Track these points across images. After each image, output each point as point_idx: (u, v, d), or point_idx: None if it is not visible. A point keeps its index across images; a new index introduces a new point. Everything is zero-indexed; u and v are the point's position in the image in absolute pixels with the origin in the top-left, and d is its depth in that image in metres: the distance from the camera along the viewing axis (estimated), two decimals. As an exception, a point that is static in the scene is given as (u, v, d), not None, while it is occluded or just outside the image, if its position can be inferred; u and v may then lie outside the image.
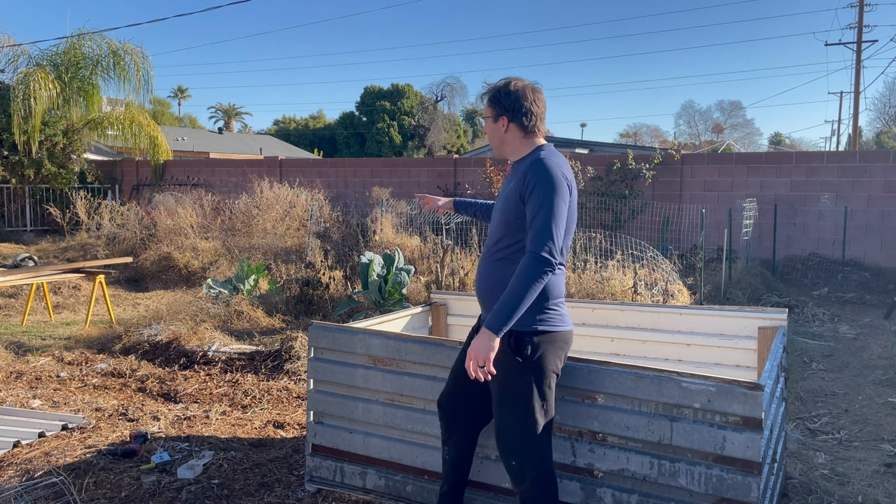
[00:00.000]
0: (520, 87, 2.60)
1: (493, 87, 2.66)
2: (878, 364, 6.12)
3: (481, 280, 2.70)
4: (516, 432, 2.53)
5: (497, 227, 2.65)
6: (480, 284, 2.70)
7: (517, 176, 2.59)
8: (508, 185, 2.64)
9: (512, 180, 2.62)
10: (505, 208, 2.60)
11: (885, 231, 10.97)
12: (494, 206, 2.79)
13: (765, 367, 2.80)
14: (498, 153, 2.73)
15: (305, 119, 55.89)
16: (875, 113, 57.23)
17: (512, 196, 2.57)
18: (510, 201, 2.57)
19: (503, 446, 2.57)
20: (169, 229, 11.78)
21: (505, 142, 2.66)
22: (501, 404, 2.57)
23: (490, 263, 2.66)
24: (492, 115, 2.66)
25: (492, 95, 2.65)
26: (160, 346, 6.17)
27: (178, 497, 3.41)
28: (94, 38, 16.31)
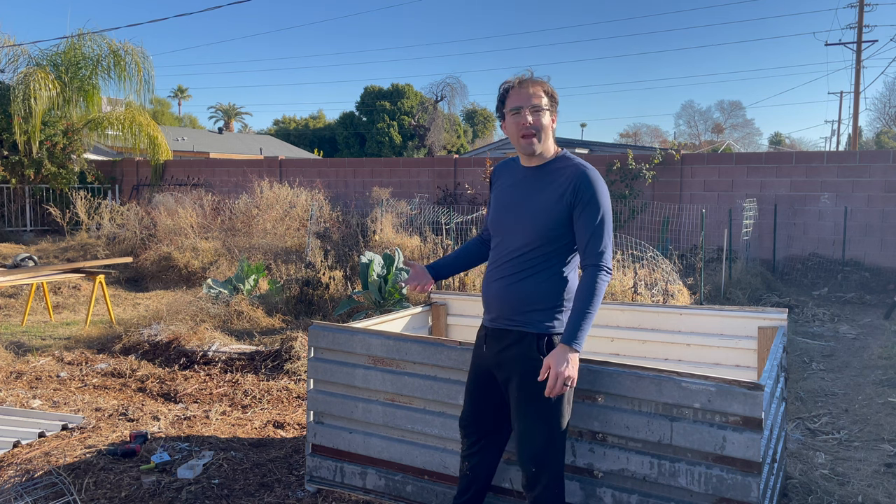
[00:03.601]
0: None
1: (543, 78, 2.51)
2: (878, 364, 6.12)
3: (508, 291, 2.51)
4: (542, 438, 2.47)
5: (524, 234, 2.48)
6: (508, 295, 2.51)
7: (556, 182, 2.46)
8: (541, 192, 2.48)
9: (547, 186, 2.47)
10: (541, 215, 2.46)
11: (885, 231, 10.97)
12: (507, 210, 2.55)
13: (765, 367, 2.80)
14: (538, 148, 2.48)
15: (305, 119, 55.91)
16: (875, 113, 57.24)
17: (554, 205, 2.44)
18: (550, 210, 2.44)
19: (527, 452, 2.48)
20: (169, 229, 11.78)
21: (549, 137, 2.50)
22: (530, 410, 2.47)
23: (519, 273, 2.50)
24: (550, 107, 2.48)
25: (548, 86, 2.49)
26: (160, 346, 6.17)
27: (178, 497, 3.41)
28: (94, 38, 16.30)
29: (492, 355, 2.60)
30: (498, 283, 2.56)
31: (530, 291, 2.49)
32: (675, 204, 12.15)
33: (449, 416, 3.01)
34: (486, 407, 2.69)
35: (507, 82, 2.52)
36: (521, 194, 2.55)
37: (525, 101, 2.44)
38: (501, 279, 2.55)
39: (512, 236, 2.53)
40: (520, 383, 2.49)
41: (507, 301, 2.53)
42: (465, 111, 46.78)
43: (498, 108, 2.57)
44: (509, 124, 2.50)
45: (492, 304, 2.59)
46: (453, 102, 28.39)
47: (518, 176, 2.59)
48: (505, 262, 2.55)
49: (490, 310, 2.61)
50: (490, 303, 2.60)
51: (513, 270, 2.52)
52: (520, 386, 2.50)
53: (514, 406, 2.53)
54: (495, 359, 2.58)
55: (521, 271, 2.51)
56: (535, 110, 2.44)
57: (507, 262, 2.54)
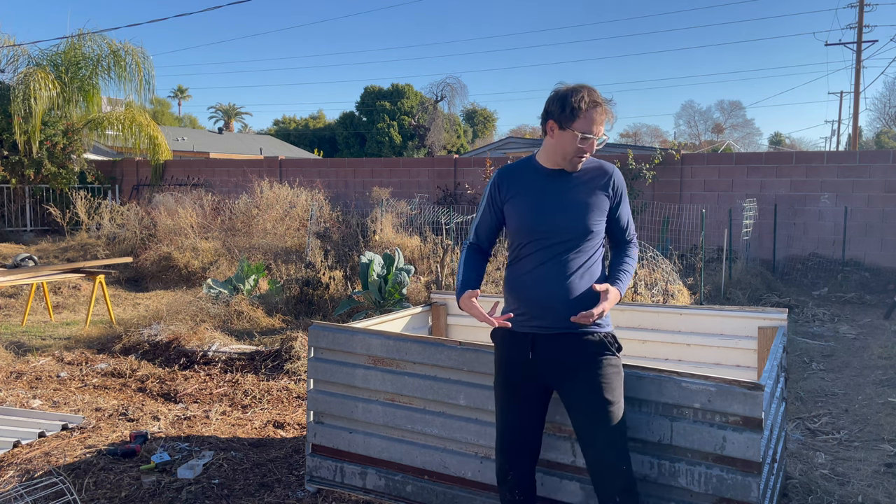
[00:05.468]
0: None
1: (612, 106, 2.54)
2: (878, 364, 6.12)
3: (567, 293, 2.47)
4: (624, 435, 2.46)
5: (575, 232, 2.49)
6: (566, 298, 2.46)
7: (594, 180, 2.52)
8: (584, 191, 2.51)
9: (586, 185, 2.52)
10: (591, 212, 2.50)
11: (885, 231, 10.97)
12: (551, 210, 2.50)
13: (765, 367, 2.80)
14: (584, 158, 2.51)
15: (305, 119, 55.90)
16: (875, 113, 57.27)
17: (595, 203, 2.51)
18: (597, 206, 2.51)
19: (617, 452, 2.41)
20: (169, 229, 11.78)
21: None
22: (613, 412, 2.41)
23: (575, 273, 2.48)
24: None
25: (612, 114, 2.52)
26: (160, 346, 6.17)
27: (178, 497, 3.41)
28: (94, 38, 16.30)
29: (545, 363, 2.49)
30: (551, 286, 2.48)
31: (589, 290, 2.49)
32: (675, 204, 12.15)
33: (449, 416, 3.01)
34: (536, 423, 2.58)
35: (584, 98, 2.41)
36: (561, 194, 2.51)
37: (598, 130, 2.43)
38: (554, 281, 2.48)
39: (559, 236, 2.49)
40: (599, 386, 2.42)
41: (567, 303, 2.46)
42: (465, 111, 46.78)
43: (559, 114, 2.44)
44: (568, 140, 2.44)
45: (545, 309, 2.48)
46: (453, 102, 28.41)
47: (545, 179, 2.54)
48: (554, 264, 2.48)
49: (542, 316, 2.48)
50: (543, 309, 2.49)
51: (568, 271, 2.48)
52: (599, 389, 2.42)
53: (588, 411, 2.43)
54: (552, 365, 2.49)
55: (577, 270, 2.49)
56: (598, 140, 2.46)
57: (558, 263, 2.48)
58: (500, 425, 2.60)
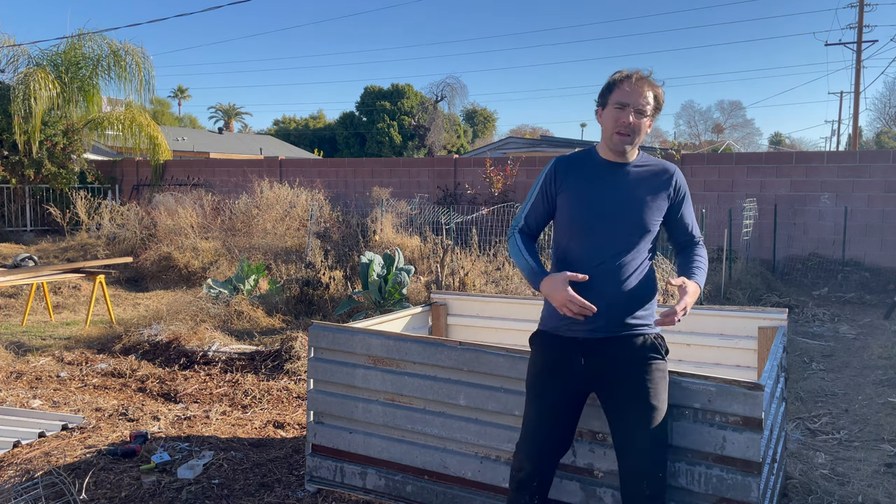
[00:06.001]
0: None
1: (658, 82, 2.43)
2: (878, 364, 6.12)
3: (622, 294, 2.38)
4: (665, 442, 2.40)
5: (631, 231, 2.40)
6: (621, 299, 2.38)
7: (654, 179, 2.43)
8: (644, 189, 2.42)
9: (646, 183, 2.42)
10: (651, 212, 2.42)
11: (885, 231, 10.97)
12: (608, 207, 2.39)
13: (765, 367, 2.80)
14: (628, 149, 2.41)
15: (305, 119, 55.89)
16: (875, 113, 57.27)
17: (654, 200, 2.42)
18: (652, 205, 2.42)
19: (656, 459, 2.34)
20: (169, 229, 11.78)
21: (640, 141, 2.44)
22: (655, 414, 2.34)
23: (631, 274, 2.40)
24: (652, 114, 2.41)
25: (660, 91, 2.42)
26: (160, 346, 6.17)
27: (178, 497, 3.41)
28: (94, 39, 16.30)
29: (595, 368, 2.40)
30: (609, 287, 2.37)
31: (643, 290, 2.42)
32: (675, 204, 12.14)
33: (449, 416, 3.01)
34: (572, 430, 2.50)
35: (622, 72, 2.40)
36: (619, 188, 2.41)
37: (634, 99, 2.34)
38: (612, 282, 2.38)
39: (615, 232, 2.38)
40: (646, 391, 2.35)
41: (621, 305, 2.38)
42: (465, 111, 46.78)
43: (602, 95, 2.42)
44: (608, 115, 2.39)
45: (609, 312, 2.37)
46: (453, 102, 28.39)
47: (603, 172, 2.43)
48: (610, 263, 2.38)
49: (595, 319, 2.35)
50: (605, 311, 2.36)
51: (625, 272, 2.39)
52: (646, 394, 2.35)
53: (632, 417, 2.34)
54: (600, 370, 2.40)
55: (634, 271, 2.40)
56: (639, 112, 2.35)
57: (614, 262, 2.38)
58: (533, 432, 2.46)
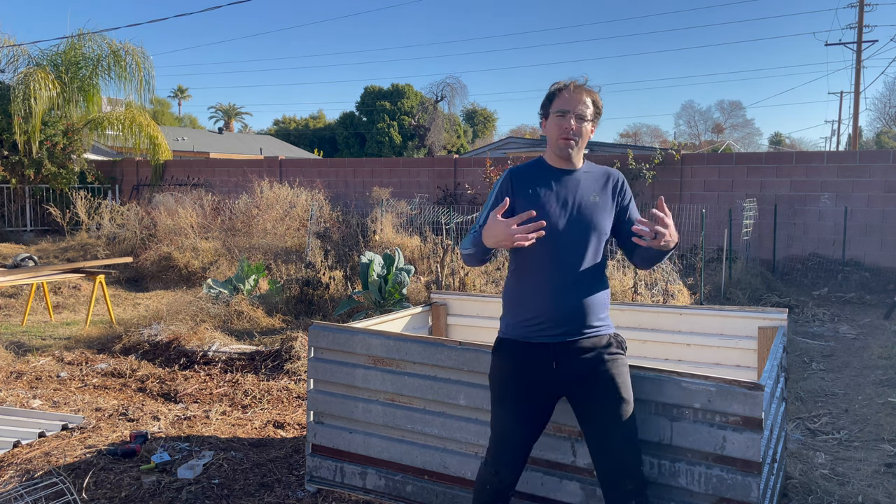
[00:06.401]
0: None
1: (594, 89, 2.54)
2: (878, 364, 6.12)
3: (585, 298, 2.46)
4: (637, 434, 2.45)
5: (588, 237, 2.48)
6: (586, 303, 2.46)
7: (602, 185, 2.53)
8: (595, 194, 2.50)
9: (595, 188, 2.51)
10: (605, 216, 2.51)
11: (885, 231, 10.97)
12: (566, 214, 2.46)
13: (765, 367, 2.80)
14: (572, 155, 2.49)
15: (305, 119, 55.90)
16: (875, 113, 57.29)
17: (612, 205, 2.53)
18: (609, 210, 2.53)
19: (633, 452, 2.40)
20: (169, 229, 11.78)
21: (584, 146, 2.54)
22: (627, 407, 2.41)
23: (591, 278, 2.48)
24: (593, 118, 2.52)
25: (597, 97, 2.53)
26: (160, 346, 6.17)
27: (178, 497, 3.41)
28: (94, 39, 16.30)
29: (566, 370, 2.44)
30: (573, 292, 2.45)
31: (602, 292, 2.52)
32: (676, 204, 12.15)
33: (449, 416, 3.01)
34: (539, 433, 2.54)
35: (560, 84, 2.52)
36: (573, 194, 2.49)
37: (573, 106, 2.46)
38: (575, 287, 2.45)
39: (573, 239, 2.46)
40: (616, 386, 2.42)
41: (586, 309, 2.46)
42: (465, 111, 46.77)
43: (543, 107, 2.55)
44: (551, 124, 2.50)
45: (569, 317, 2.44)
46: (453, 102, 28.41)
47: (555, 179, 2.51)
48: (571, 269, 2.45)
49: (565, 323, 2.44)
50: (567, 316, 2.44)
51: (585, 276, 2.47)
52: (616, 389, 2.41)
53: (607, 413, 2.40)
54: (572, 372, 2.44)
55: (591, 274, 2.48)
56: (580, 118, 2.46)
57: (577, 266, 2.46)
58: (512, 440, 2.49)
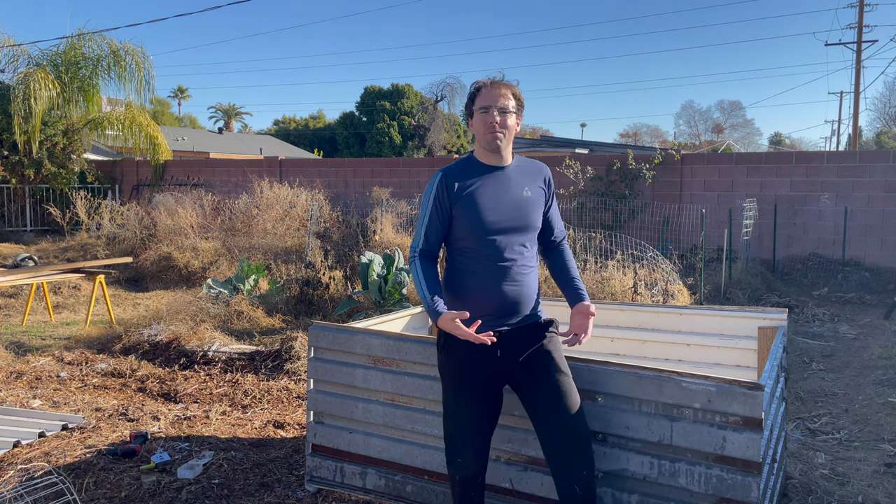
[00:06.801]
0: None
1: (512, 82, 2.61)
2: (878, 364, 6.12)
3: (526, 289, 2.59)
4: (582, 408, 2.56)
5: (525, 230, 2.60)
6: (527, 293, 2.59)
7: (532, 180, 2.63)
8: (527, 189, 2.60)
9: (527, 183, 2.61)
10: (536, 210, 2.62)
11: (885, 231, 10.96)
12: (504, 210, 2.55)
13: (765, 367, 2.80)
14: (501, 148, 2.57)
15: (305, 119, 55.88)
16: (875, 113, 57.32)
17: (541, 198, 2.65)
18: (540, 203, 2.64)
19: (584, 424, 2.50)
20: (169, 229, 11.78)
21: (512, 138, 2.61)
22: (570, 381, 2.55)
23: (528, 269, 2.61)
24: (516, 110, 2.58)
25: (517, 90, 2.60)
26: (160, 346, 6.17)
27: (178, 497, 3.41)
28: (94, 39, 16.29)
29: (509, 357, 2.55)
30: (515, 284, 2.56)
31: (536, 282, 2.65)
32: (675, 204, 12.15)
33: (449, 416, 3.01)
34: (496, 421, 2.64)
35: (479, 82, 2.60)
36: (508, 191, 2.58)
37: (494, 101, 2.53)
38: (516, 278, 2.57)
39: (514, 231, 2.56)
40: (558, 364, 2.55)
41: (527, 298, 2.60)
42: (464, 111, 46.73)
43: (467, 107, 2.64)
44: (476, 122, 2.57)
45: (514, 306, 2.57)
46: (453, 102, 28.34)
47: (489, 176, 2.58)
48: (512, 262, 2.56)
49: (511, 313, 2.57)
50: (512, 306, 2.56)
51: (525, 268, 2.59)
52: (559, 366, 2.55)
53: (554, 390, 2.50)
54: (514, 357, 2.55)
55: (529, 266, 2.61)
56: (502, 111, 2.53)
57: (515, 261, 2.56)
58: (475, 431, 2.58)
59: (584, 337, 2.60)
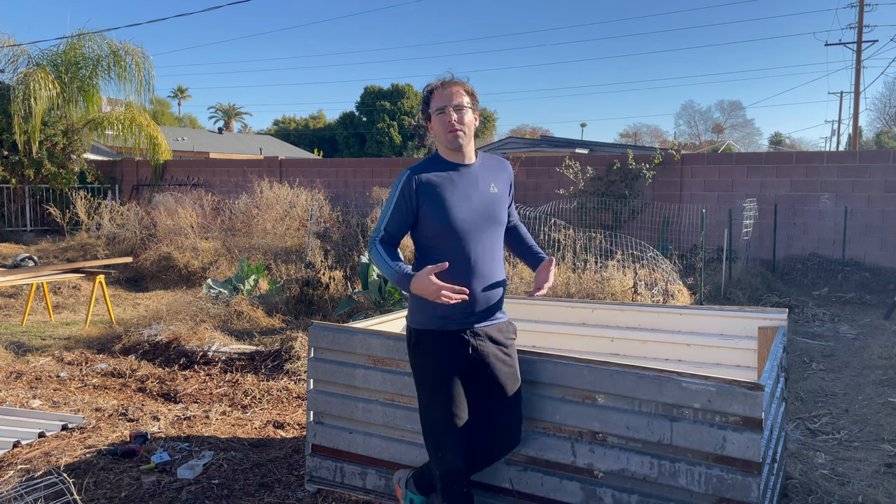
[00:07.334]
0: None
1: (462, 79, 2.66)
2: (878, 364, 6.11)
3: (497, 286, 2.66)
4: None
5: (495, 228, 2.67)
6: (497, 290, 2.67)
7: (498, 176, 2.72)
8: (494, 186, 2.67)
9: (494, 180, 2.69)
10: (503, 207, 2.71)
11: (885, 231, 10.96)
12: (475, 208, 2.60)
13: (765, 367, 2.80)
14: (463, 145, 2.61)
15: (305, 119, 55.88)
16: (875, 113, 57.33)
17: (504, 199, 2.72)
18: (503, 203, 2.72)
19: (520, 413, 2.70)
20: (169, 229, 11.78)
21: (472, 133, 2.66)
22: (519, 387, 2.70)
23: (498, 266, 2.68)
24: (472, 105, 2.62)
25: (468, 86, 2.65)
26: (160, 346, 6.17)
27: (178, 497, 3.41)
28: (94, 39, 16.29)
29: (481, 354, 2.62)
30: (486, 279, 2.63)
31: (503, 281, 2.72)
32: (675, 204, 12.15)
33: (449, 416, 3.01)
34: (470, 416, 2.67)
35: (430, 85, 2.66)
36: (476, 188, 2.63)
37: (448, 100, 2.58)
38: (487, 274, 2.63)
39: (480, 232, 2.61)
40: (515, 368, 2.70)
41: (494, 297, 2.66)
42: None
43: (423, 111, 2.68)
44: (435, 123, 2.61)
45: (484, 302, 2.63)
46: (453, 102, 28.34)
47: (456, 175, 2.62)
48: (485, 258, 2.62)
49: (476, 311, 2.62)
50: (482, 302, 2.62)
51: (494, 264, 2.66)
52: (516, 368, 2.71)
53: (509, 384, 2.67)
54: (484, 355, 2.63)
55: (497, 265, 2.68)
56: (458, 108, 2.58)
57: (488, 257, 2.63)
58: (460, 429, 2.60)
59: (547, 284, 2.69)
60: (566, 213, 11.99)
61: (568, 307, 4.22)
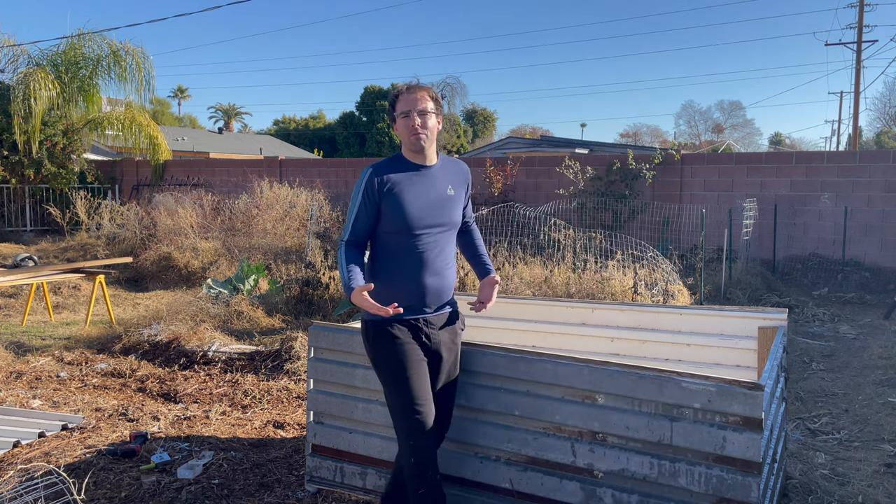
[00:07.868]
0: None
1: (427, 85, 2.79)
2: (878, 364, 6.12)
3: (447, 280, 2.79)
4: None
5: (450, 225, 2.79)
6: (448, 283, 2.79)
7: (456, 179, 2.84)
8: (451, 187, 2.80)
9: (452, 181, 2.81)
10: (459, 207, 2.85)
11: (885, 231, 10.96)
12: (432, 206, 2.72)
13: (765, 368, 2.80)
14: (425, 147, 2.72)
15: (305, 119, 55.87)
16: (875, 113, 57.35)
17: (460, 200, 2.86)
18: (459, 204, 2.85)
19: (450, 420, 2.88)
20: (169, 229, 11.77)
21: (434, 137, 2.76)
22: (455, 380, 2.88)
23: (449, 260, 2.81)
24: (435, 111, 2.74)
25: (433, 92, 2.77)
26: (160, 346, 6.17)
27: (178, 497, 3.41)
28: (94, 39, 16.28)
29: (435, 342, 2.76)
30: (438, 275, 2.75)
31: (454, 275, 2.86)
32: (675, 204, 12.15)
33: (449, 416, 3.01)
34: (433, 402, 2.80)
35: (397, 89, 2.78)
36: (435, 188, 2.75)
37: (413, 105, 2.69)
38: (440, 270, 2.76)
39: (440, 226, 2.75)
40: (455, 357, 2.86)
41: (446, 289, 2.80)
42: (465, 111, 46.76)
43: (389, 114, 2.81)
44: (400, 126, 2.73)
45: (437, 295, 2.76)
46: (453, 102, 28.37)
47: (416, 175, 2.74)
48: (438, 255, 2.75)
49: (434, 301, 2.76)
50: (435, 295, 2.76)
51: (446, 260, 2.80)
52: (455, 360, 2.87)
53: (452, 372, 2.85)
54: (437, 343, 2.77)
55: (450, 258, 2.81)
56: (422, 113, 2.69)
57: (441, 253, 2.76)
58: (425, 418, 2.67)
59: (490, 303, 2.87)
60: (566, 213, 11.99)
61: (568, 307, 4.21)
